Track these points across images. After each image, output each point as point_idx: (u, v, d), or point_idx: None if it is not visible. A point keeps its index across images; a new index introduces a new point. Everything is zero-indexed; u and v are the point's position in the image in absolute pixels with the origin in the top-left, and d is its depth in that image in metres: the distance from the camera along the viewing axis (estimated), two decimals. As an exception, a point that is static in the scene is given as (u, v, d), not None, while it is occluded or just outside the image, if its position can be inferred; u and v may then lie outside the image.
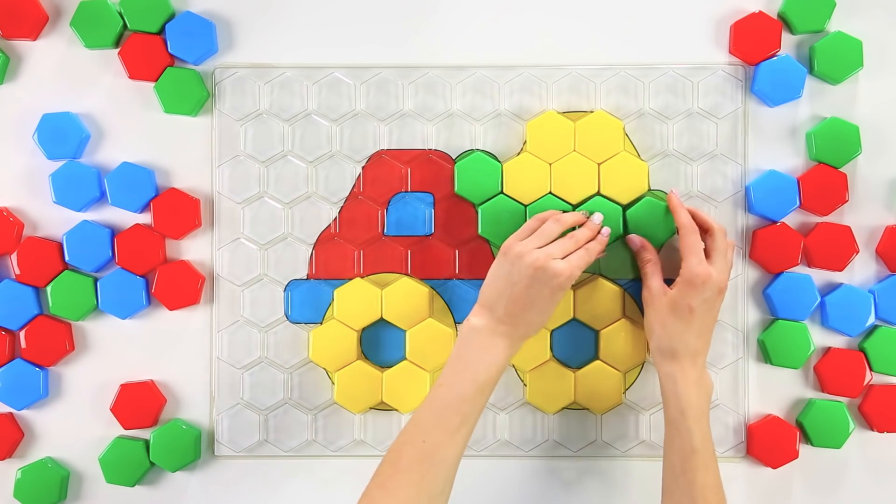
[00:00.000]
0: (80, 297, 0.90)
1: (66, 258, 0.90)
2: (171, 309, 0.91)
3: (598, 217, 0.87)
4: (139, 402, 0.91)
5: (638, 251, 0.88)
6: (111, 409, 0.91)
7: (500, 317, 0.81)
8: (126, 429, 0.91)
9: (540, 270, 0.80)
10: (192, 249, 0.92)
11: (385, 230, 0.91)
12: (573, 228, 0.86)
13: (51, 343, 0.90)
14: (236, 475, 0.92)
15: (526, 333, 0.82)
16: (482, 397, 0.80)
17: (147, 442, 0.91)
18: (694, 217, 0.86)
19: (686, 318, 0.83)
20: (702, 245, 0.84)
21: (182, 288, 0.90)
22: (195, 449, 0.91)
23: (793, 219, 0.91)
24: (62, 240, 0.91)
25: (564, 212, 0.87)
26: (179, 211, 0.90)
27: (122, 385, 0.91)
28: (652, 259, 0.87)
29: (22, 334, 0.90)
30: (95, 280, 0.91)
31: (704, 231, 0.86)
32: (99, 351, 0.92)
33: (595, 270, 0.91)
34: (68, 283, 0.90)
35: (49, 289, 0.90)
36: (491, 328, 0.81)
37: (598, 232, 0.86)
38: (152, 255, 0.90)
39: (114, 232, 0.91)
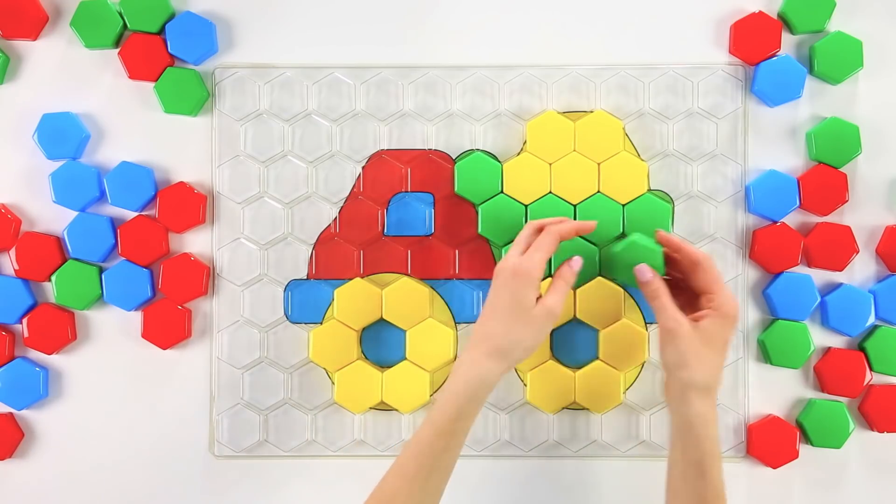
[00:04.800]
0: (85, 286, 0.90)
1: (70, 252, 0.90)
2: (178, 304, 0.90)
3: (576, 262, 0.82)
4: (139, 402, 0.91)
5: (646, 283, 0.80)
6: (111, 409, 0.91)
7: (471, 341, 0.79)
8: (126, 429, 0.92)
9: (498, 275, 0.79)
10: (193, 249, 0.92)
11: (385, 230, 0.91)
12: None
13: (53, 331, 0.90)
14: (236, 475, 0.92)
15: (495, 350, 0.78)
16: (443, 436, 0.76)
17: (147, 442, 0.91)
18: (680, 249, 0.81)
19: (721, 351, 0.78)
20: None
21: (188, 280, 0.90)
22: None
23: (793, 219, 0.91)
24: (62, 235, 0.91)
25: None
26: (185, 205, 0.90)
27: (122, 385, 0.92)
28: (661, 286, 0.80)
29: (25, 322, 0.90)
30: (100, 270, 0.91)
31: (693, 262, 0.80)
32: (99, 351, 0.92)
33: (595, 274, 0.90)
34: (73, 272, 0.90)
35: (54, 278, 0.90)
36: (459, 357, 0.79)
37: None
38: (156, 245, 0.90)
39: (114, 221, 0.91)
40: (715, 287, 0.79)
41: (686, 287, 0.82)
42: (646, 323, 0.91)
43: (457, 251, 0.91)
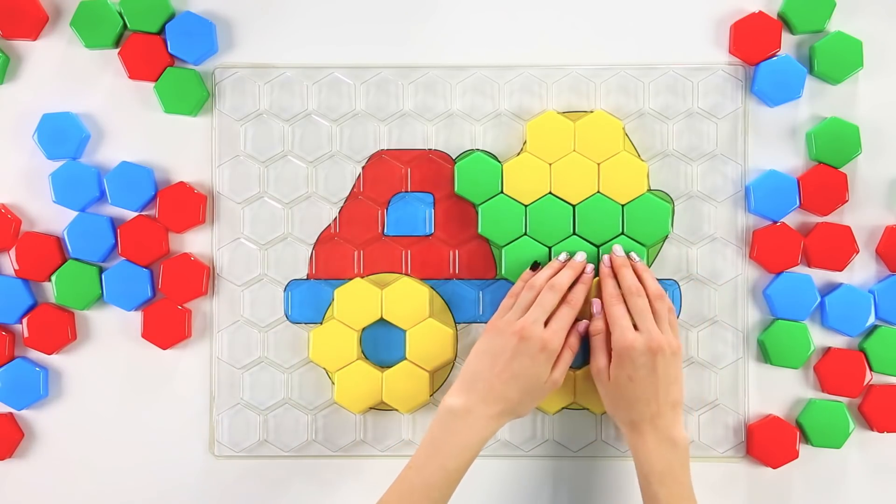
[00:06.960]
0: (85, 286, 0.90)
1: (70, 252, 0.90)
2: (178, 304, 0.90)
3: (580, 256, 0.87)
4: (139, 402, 0.91)
5: (592, 317, 0.86)
6: (111, 409, 0.91)
7: (480, 395, 0.80)
8: (126, 429, 0.92)
9: (524, 341, 0.81)
10: (193, 249, 0.92)
11: (385, 230, 0.91)
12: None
13: (53, 331, 0.90)
14: (236, 475, 0.92)
15: (507, 412, 0.81)
16: (452, 484, 0.79)
17: (147, 442, 0.91)
18: (639, 276, 0.86)
19: (629, 388, 0.81)
20: (625, 314, 0.83)
21: (188, 280, 0.90)
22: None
23: (793, 219, 0.91)
24: (62, 235, 0.91)
25: (536, 265, 0.87)
26: (185, 205, 0.90)
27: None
28: (601, 331, 0.85)
29: (25, 322, 0.90)
30: (100, 269, 0.91)
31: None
32: (99, 351, 0.92)
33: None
34: (73, 272, 0.90)
35: (54, 278, 0.90)
36: (468, 409, 0.80)
37: (582, 271, 0.86)
38: (156, 245, 0.90)
39: (114, 221, 0.91)
40: (612, 328, 0.83)
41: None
42: (646, 323, 0.91)
43: (457, 251, 0.91)
